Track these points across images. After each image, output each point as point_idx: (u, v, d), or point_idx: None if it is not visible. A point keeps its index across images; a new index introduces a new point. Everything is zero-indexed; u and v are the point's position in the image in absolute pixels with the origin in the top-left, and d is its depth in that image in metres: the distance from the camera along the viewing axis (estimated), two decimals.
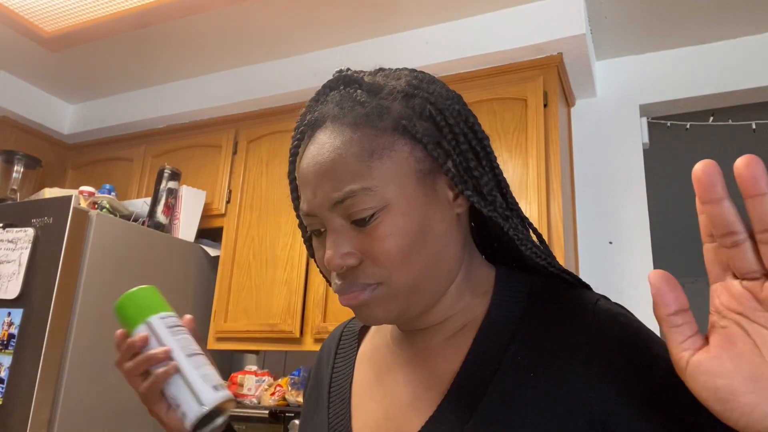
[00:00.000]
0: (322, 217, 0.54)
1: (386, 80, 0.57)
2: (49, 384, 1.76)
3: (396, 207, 0.52)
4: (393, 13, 2.11)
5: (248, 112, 2.51)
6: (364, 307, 0.54)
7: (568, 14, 1.95)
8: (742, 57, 2.11)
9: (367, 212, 0.51)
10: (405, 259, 0.52)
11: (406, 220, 0.52)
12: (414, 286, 0.54)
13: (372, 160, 0.52)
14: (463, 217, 0.58)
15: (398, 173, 0.53)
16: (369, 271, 0.53)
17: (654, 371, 0.48)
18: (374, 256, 0.52)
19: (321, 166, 0.53)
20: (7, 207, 2.06)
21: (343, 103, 0.55)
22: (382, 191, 0.52)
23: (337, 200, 0.52)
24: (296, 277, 2.15)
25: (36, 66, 2.60)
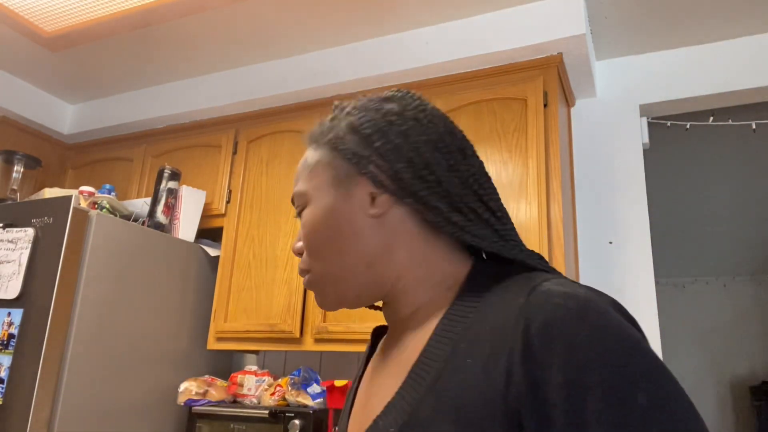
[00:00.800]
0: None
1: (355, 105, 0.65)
2: (49, 384, 1.76)
3: (314, 206, 0.63)
4: (393, 13, 2.11)
5: (248, 112, 2.51)
6: (313, 292, 0.65)
7: (568, 14, 1.95)
8: (742, 57, 2.11)
9: (299, 208, 0.65)
10: (318, 251, 0.62)
11: (318, 216, 0.62)
12: (331, 275, 0.62)
13: (306, 171, 0.65)
14: (393, 217, 0.61)
15: (318, 181, 0.64)
16: (303, 257, 0.65)
17: (567, 365, 0.44)
18: (304, 246, 0.64)
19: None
20: (7, 207, 2.06)
21: (318, 125, 0.68)
22: (308, 193, 0.64)
23: (292, 199, 0.67)
24: (296, 277, 2.15)
25: (36, 66, 2.60)
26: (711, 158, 3.18)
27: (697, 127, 2.34)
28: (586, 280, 2.12)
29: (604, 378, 0.43)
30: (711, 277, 5.06)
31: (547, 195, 1.86)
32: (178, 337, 2.21)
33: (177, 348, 2.21)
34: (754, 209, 3.79)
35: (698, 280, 5.06)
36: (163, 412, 2.12)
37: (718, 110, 2.29)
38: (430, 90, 2.15)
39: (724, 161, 3.22)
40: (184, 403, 2.07)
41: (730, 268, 4.92)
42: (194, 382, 2.11)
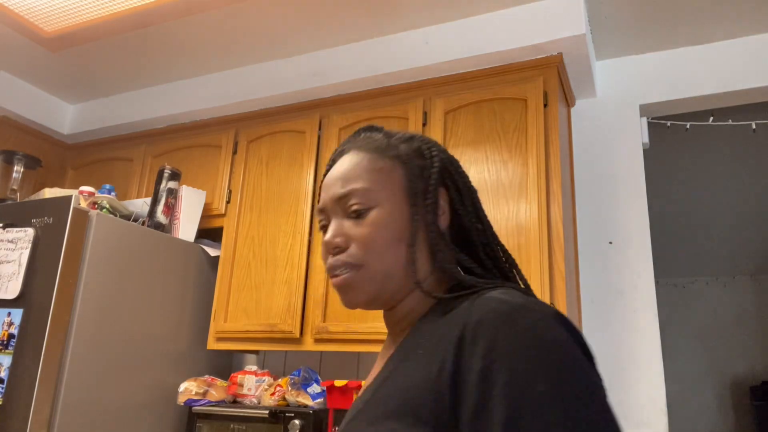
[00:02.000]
0: (328, 209, 0.70)
1: (391, 132, 0.76)
2: (49, 384, 1.76)
3: (386, 207, 0.68)
4: (393, 13, 2.11)
5: (248, 112, 2.51)
6: (347, 287, 0.67)
7: (568, 14, 1.94)
8: (742, 57, 2.11)
9: (361, 206, 0.68)
10: (383, 249, 0.66)
11: (390, 219, 0.67)
12: (388, 274, 0.67)
13: (375, 172, 0.70)
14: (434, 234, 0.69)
15: (392, 185, 0.69)
16: (353, 252, 0.67)
17: (486, 354, 0.52)
18: (361, 241, 0.66)
19: (338, 173, 0.71)
20: (7, 207, 2.06)
21: (364, 139, 0.75)
22: (376, 194, 0.68)
23: (342, 194, 0.69)
24: (296, 277, 2.15)
25: (36, 66, 2.60)
26: (711, 158, 3.18)
27: (697, 127, 2.34)
28: (586, 280, 2.12)
29: (512, 366, 0.50)
30: (711, 277, 5.06)
31: (547, 195, 1.86)
32: (178, 337, 2.21)
33: (177, 348, 2.21)
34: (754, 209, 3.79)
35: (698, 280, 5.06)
36: (163, 412, 2.12)
37: (718, 110, 2.29)
38: (430, 90, 2.15)
39: (724, 161, 3.22)
40: (184, 403, 2.07)
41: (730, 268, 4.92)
42: (194, 382, 2.11)
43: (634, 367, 2.00)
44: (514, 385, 0.50)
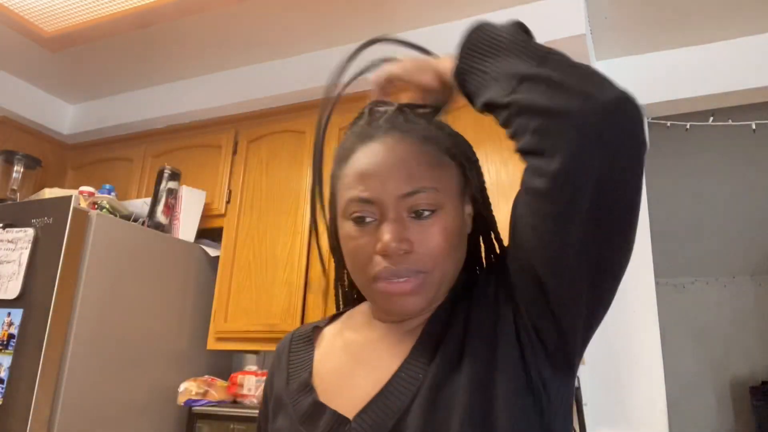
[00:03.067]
0: (385, 205, 0.63)
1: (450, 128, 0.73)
2: (49, 384, 1.76)
3: (449, 210, 0.64)
4: (393, 13, 2.11)
5: (248, 112, 2.51)
6: (409, 295, 0.63)
7: (568, 14, 1.94)
8: (742, 57, 2.11)
9: (429, 207, 0.63)
10: (448, 255, 0.64)
11: (454, 223, 0.65)
12: (445, 279, 0.65)
13: (437, 168, 0.65)
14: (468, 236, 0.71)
15: (452, 185, 0.66)
16: (419, 259, 0.62)
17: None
18: (427, 246, 0.62)
19: (394, 160, 0.64)
20: (7, 207, 2.06)
21: (409, 121, 0.68)
22: (443, 195, 0.64)
23: (408, 192, 0.63)
24: (296, 277, 2.15)
25: (36, 66, 2.60)
26: (711, 158, 3.18)
27: (697, 127, 2.34)
28: None
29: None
30: (711, 277, 5.05)
31: None
32: (178, 337, 2.21)
33: (177, 348, 2.20)
34: (754, 209, 3.78)
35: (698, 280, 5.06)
36: (163, 412, 2.12)
37: (718, 110, 2.28)
38: None
39: (724, 161, 3.22)
40: (184, 403, 2.07)
41: (730, 268, 4.91)
42: (194, 382, 2.11)
43: (634, 367, 2.00)
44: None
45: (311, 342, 0.77)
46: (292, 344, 0.79)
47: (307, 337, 0.78)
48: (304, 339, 0.78)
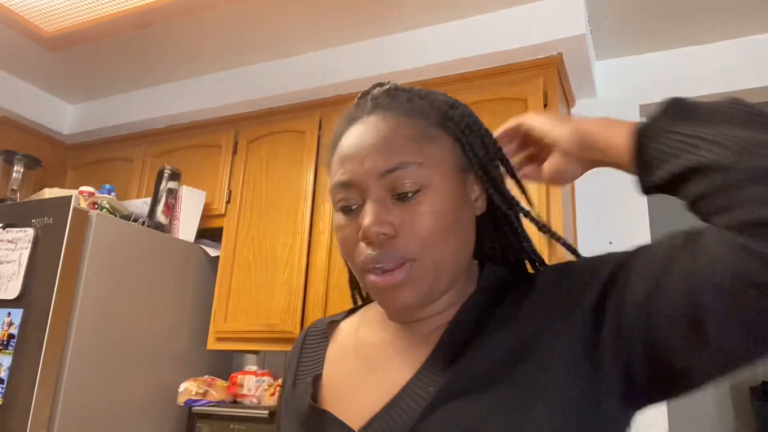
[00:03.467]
0: (364, 186, 0.57)
1: (428, 92, 0.64)
2: (49, 384, 1.76)
3: (439, 188, 0.57)
4: (393, 13, 2.11)
5: (248, 112, 2.51)
6: (399, 288, 0.56)
7: (568, 14, 1.94)
8: (742, 57, 2.11)
9: (412, 186, 0.56)
10: (439, 239, 0.56)
11: (446, 203, 0.57)
12: (443, 267, 0.57)
13: (424, 142, 0.58)
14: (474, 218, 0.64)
15: (444, 159, 0.59)
16: (405, 243, 0.56)
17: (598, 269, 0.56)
18: (413, 230, 0.56)
19: (374, 138, 0.58)
20: (7, 207, 2.06)
21: (396, 96, 0.62)
22: (430, 170, 0.57)
23: (387, 169, 0.56)
24: (296, 277, 2.15)
25: (36, 66, 2.60)
26: None
27: None
28: None
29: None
30: None
31: (547, 195, 1.86)
32: (178, 337, 2.21)
33: (177, 348, 2.20)
34: None
35: None
36: (163, 412, 2.12)
37: None
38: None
39: None
40: (184, 403, 2.07)
41: None
42: (194, 382, 2.11)
43: None
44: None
45: (326, 339, 0.71)
46: (305, 341, 0.74)
47: (322, 333, 0.73)
48: (318, 336, 0.73)
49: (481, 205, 0.64)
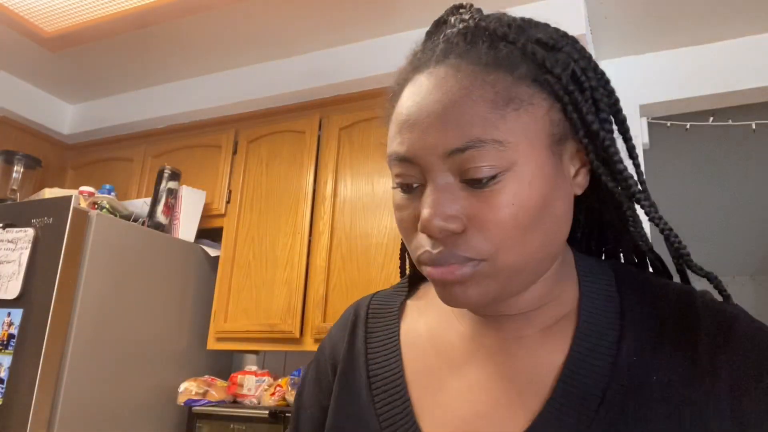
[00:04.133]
0: (426, 166, 0.45)
1: (524, 24, 0.50)
2: (49, 384, 1.76)
3: (523, 173, 0.44)
4: (393, 13, 2.11)
5: (248, 112, 2.51)
6: (458, 285, 0.45)
7: (568, 14, 1.94)
8: (742, 57, 2.11)
9: (489, 171, 0.43)
10: (519, 237, 0.44)
11: (530, 191, 0.44)
12: (520, 268, 0.46)
13: (507, 110, 0.44)
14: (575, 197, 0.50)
15: (534, 133, 0.44)
16: (473, 242, 0.44)
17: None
18: (485, 226, 0.44)
19: (441, 104, 0.44)
20: (7, 207, 2.06)
21: (476, 37, 0.47)
22: (513, 150, 0.43)
23: (456, 148, 0.43)
24: (296, 277, 2.15)
25: (36, 66, 2.60)
26: (711, 158, 3.18)
27: (697, 127, 2.34)
28: None
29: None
30: None
31: None
32: (178, 337, 2.21)
33: (177, 348, 2.20)
34: (754, 210, 3.78)
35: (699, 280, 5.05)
36: (163, 412, 2.12)
37: (718, 110, 2.28)
38: None
39: (724, 161, 3.22)
40: (184, 403, 2.07)
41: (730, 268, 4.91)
42: (194, 382, 2.11)
43: None
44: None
45: (396, 320, 0.59)
46: (370, 321, 0.61)
47: (391, 314, 0.60)
48: (386, 316, 0.60)
49: (582, 182, 0.50)
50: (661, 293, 0.51)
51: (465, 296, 0.46)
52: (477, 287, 0.46)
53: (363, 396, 0.55)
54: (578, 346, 0.48)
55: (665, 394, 0.45)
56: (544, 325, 0.51)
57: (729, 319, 0.48)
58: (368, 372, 0.56)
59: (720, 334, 0.46)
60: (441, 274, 0.45)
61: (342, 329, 0.62)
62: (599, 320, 0.50)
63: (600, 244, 0.59)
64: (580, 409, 0.45)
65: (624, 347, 0.47)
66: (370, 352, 0.58)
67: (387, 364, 0.56)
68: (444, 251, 0.45)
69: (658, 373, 0.46)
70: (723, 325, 0.47)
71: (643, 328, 0.48)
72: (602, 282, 0.53)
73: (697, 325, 0.47)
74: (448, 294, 0.47)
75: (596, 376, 0.46)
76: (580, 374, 0.47)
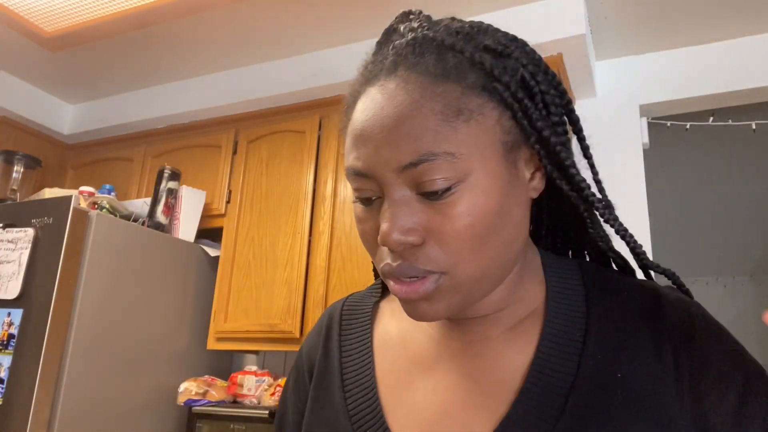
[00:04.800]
0: (382, 180, 0.45)
1: (472, 31, 0.49)
2: (49, 384, 1.76)
3: (477, 182, 0.44)
4: (393, 13, 2.10)
5: (248, 112, 2.51)
6: (424, 301, 0.46)
7: (568, 14, 1.94)
8: (742, 57, 2.11)
9: (443, 183, 0.43)
10: (477, 247, 0.45)
11: (486, 200, 0.44)
12: (480, 277, 0.46)
13: (458, 121, 0.44)
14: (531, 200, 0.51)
15: (485, 142, 0.45)
16: (432, 254, 0.44)
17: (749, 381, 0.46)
18: (443, 237, 0.44)
19: (391, 119, 0.44)
20: (7, 207, 2.06)
21: (424, 48, 0.47)
22: (466, 161, 0.43)
23: (409, 163, 0.43)
24: (296, 277, 2.15)
25: (36, 66, 2.60)
26: (711, 158, 3.18)
27: (697, 127, 2.34)
28: None
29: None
30: (711, 277, 5.06)
31: None
32: (178, 337, 2.21)
33: (177, 348, 2.20)
34: (755, 209, 3.78)
35: (698, 280, 5.06)
36: (163, 412, 2.12)
37: (718, 110, 2.28)
38: None
39: (724, 161, 3.22)
40: (184, 403, 2.07)
41: (730, 268, 4.92)
42: (194, 382, 2.11)
43: None
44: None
45: (370, 321, 0.60)
46: (344, 322, 0.62)
47: (364, 314, 0.61)
48: (359, 316, 0.61)
49: (539, 185, 0.50)
50: (627, 291, 0.52)
51: (431, 311, 0.47)
52: (441, 302, 0.46)
53: (336, 397, 0.56)
54: (544, 347, 0.49)
55: (631, 390, 0.46)
56: (509, 326, 0.52)
57: (692, 317, 0.49)
58: (342, 373, 0.57)
59: (684, 333, 0.48)
60: (405, 293, 0.46)
61: (317, 334, 0.63)
62: (565, 319, 0.50)
63: (566, 243, 0.60)
64: (547, 408, 0.46)
65: (590, 345, 0.48)
66: (344, 354, 0.59)
67: (359, 365, 0.57)
68: (403, 264, 0.45)
69: (623, 370, 0.47)
70: (686, 324, 0.48)
71: (609, 326, 0.49)
72: (568, 281, 0.53)
73: (662, 323, 0.49)
74: (414, 310, 0.47)
75: (562, 375, 0.47)
76: (547, 374, 0.48)
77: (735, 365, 0.47)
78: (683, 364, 0.47)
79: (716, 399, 0.45)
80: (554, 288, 0.53)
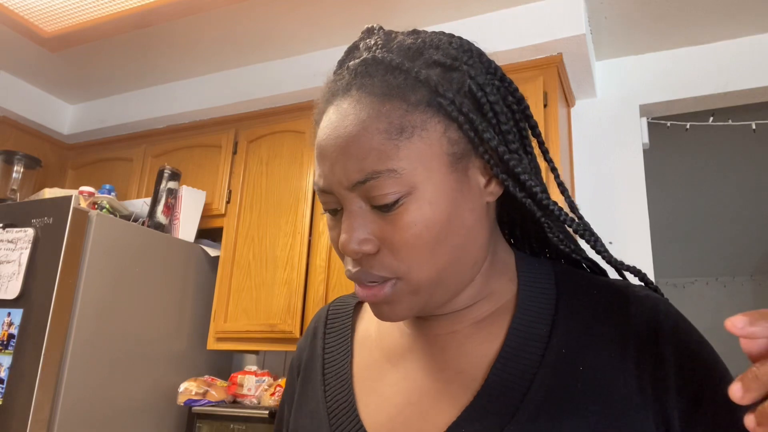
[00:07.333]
0: (339, 195, 0.49)
1: (423, 46, 0.51)
2: (49, 384, 1.76)
3: (423, 194, 0.47)
4: (393, 13, 2.11)
5: (248, 112, 2.51)
6: (385, 304, 0.50)
7: (568, 14, 1.94)
8: (742, 57, 2.11)
9: (390, 197, 0.47)
10: (427, 253, 0.48)
11: (432, 210, 0.47)
12: (436, 281, 0.49)
13: (401, 138, 0.47)
14: (492, 204, 0.54)
15: (428, 156, 0.47)
16: (386, 262, 0.48)
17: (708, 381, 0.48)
18: (394, 246, 0.47)
19: (342, 139, 0.48)
20: (7, 207, 2.06)
21: (372, 69, 0.49)
22: (410, 175, 0.47)
23: (357, 181, 0.47)
24: (296, 277, 2.15)
25: (36, 66, 2.60)
26: (711, 158, 3.18)
27: (697, 127, 2.34)
28: None
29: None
30: (711, 277, 5.06)
31: None
32: (178, 338, 2.21)
33: (177, 348, 2.20)
34: (754, 209, 3.79)
35: (698, 280, 5.06)
36: (163, 412, 2.12)
37: (718, 110, 2.28)
38: None
39: (724, 161, 3.22)
40: (184, 403, 2.07)
41: (730, 268, 4.91)
42: (194, 382, 2.11)
43: None
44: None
45: (351, 319, 0.65)
46: (329, 321, 0.66)
47: (347, 314, 0.65)
48: (343, 316, 0.66)
49: (495, 190, 0.52)
50: (596, 290, 0.54)
51: (393, 313, 0.51)
52: (401, 304, 0.50)
53: (318, 390, 0.60)
54: (510, 340, 0.52)
55: (591, 382, 0.48)
56: (475, 320, 0.55)
57: (658, 314, 0.51)
58: (323, 370, 0.61)
59: (648, 330, 0.50)
60: (367, 296, 0.50)
61: (306, 337, 0.68)
62: (533, 315, 0.53)
63: (542, 245, 0.61)
64: (506, 399, 0.48)
65: (554, 340, 0.51)
66: (327, 350, 0.63)
67: (339, 360, 0.61)
68: (361, 271, 0.49)
69: (586, 363, 0.49)
70: (651, 322, 0.50)
71: (576, 323, 0.52)
72: (540, 279, 0.56)
73: (628, 320, 0.51)
74: (379, 312, 0.51)
75: (524, 368, 0.50)
76: (510, 366, 0.50)
77: (696, 364, 0.48)
78: (646, 361, 0.48)
79: (674, 396, 0.47)
80: (525, 286, 0.55)
